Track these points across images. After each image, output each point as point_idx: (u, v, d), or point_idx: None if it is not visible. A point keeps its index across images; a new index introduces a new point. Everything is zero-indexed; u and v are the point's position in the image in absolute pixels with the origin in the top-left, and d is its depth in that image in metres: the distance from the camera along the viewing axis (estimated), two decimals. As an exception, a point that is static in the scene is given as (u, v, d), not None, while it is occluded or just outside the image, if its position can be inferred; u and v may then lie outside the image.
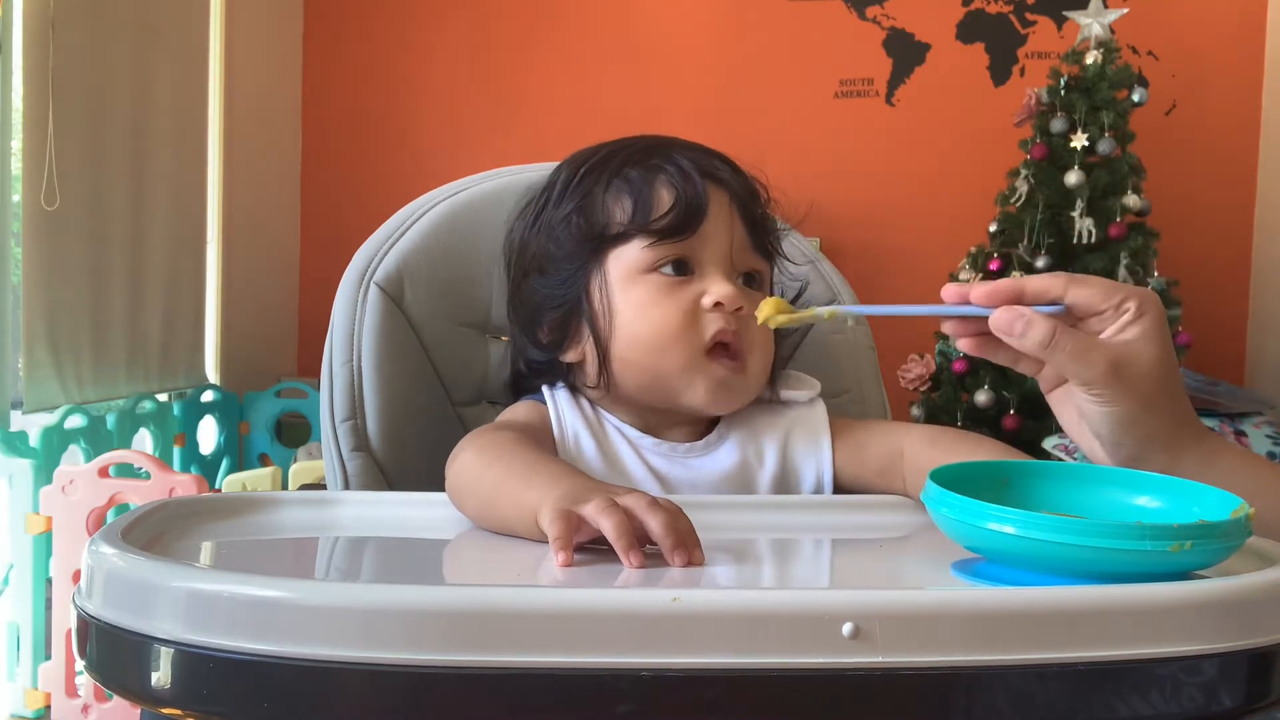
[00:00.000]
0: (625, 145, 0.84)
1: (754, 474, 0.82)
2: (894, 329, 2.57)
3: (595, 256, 0.81)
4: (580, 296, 0.81)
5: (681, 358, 0.78)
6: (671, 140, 0.84)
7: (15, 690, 2.12)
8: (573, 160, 0.85)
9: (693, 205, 0.79)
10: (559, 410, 0.83)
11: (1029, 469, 0.62)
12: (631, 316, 0.79)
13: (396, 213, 0.98)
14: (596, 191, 0.81)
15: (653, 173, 0.80)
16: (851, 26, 3.19)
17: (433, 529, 0.69)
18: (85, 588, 0.52)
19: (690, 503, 0.73)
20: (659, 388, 0.80)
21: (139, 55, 2.65)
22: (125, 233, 2.61)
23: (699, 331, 0.78)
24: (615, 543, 0.55)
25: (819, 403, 0.86)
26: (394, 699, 0.44)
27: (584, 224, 0.81)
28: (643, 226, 0.79)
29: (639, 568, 0.55)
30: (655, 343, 0.78)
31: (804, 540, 0.69)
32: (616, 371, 0.80)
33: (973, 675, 0.45)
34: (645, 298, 0.79)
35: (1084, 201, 2.48)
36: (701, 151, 0.83)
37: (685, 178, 0.79)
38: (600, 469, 0.80)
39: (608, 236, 0.80)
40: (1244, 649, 0.47)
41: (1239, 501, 0.55)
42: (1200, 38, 3.02)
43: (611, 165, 0.82)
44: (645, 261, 0.79)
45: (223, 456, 2.94)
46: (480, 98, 3.35)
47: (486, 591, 0.47)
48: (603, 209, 0.81)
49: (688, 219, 0.78)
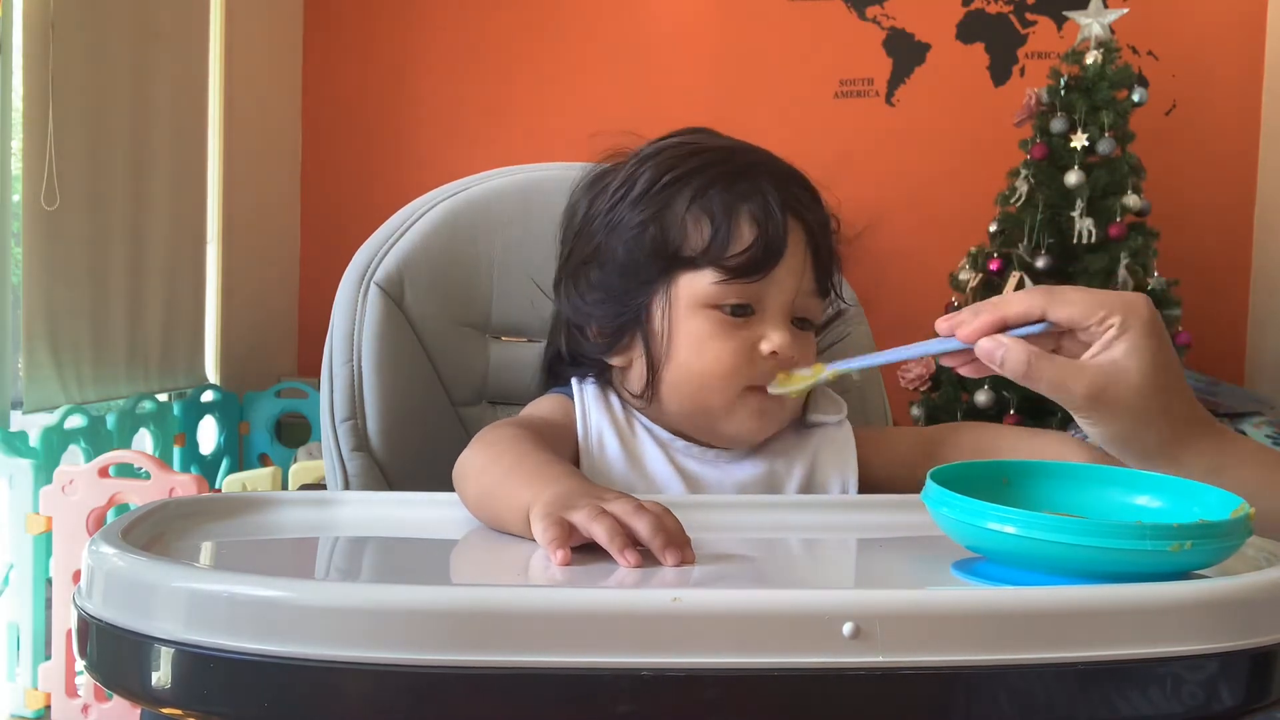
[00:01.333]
0: (715, 160, 0.80)
1: (781, 486, 0.83)
2: (894, 330, 2.57)
3: (665, 276, 0.79)
4: (641, 311, 0.80)
5: (726, 395, 0.78)
6: (760, 159, 0.81)
7: (15, 690, 2.12)
8: (658, 159, 0.81)
9: (771, 247, 0.77)
10: (585, 408, 0.83)
11: (1029, 469, 0.62)
12: (689, 347, 0.78)
13: (396, 213, 0.98)
14: (677, 206, 0.79)
15: (738, 200, 0.78)
16: (851, 26, 3.19)
17: (433, 529, 0.70)
18: (85, 588, 0.52)
19: (691, 503, 0.73)
20: (699, 417, 0.80)
21: (139, 55, 2.65)
22: (125, 233, 2.61)
23: (750, 374, 0.78)
24: (609, 546, 0.56)
25: (846, 424, 0.86)
26: (394, 699, 0.44)
27: (660, 238, 0.79)
28: (719, 260, 0.77)
29: (636, 566, 0.55)
30: (705, 378, 0.78)
31: (804, 540, 0.69)
32: (664, 393, 0.80)
33: (973, 675, 0.45)
34: (705, 331, 0.78)
35: (1084, 201, 2.48)
36: (787, 179, 0.81)
37: (769, 213, 0.77)
38: (623, 468, 0.80)
39: (681, 259, 0.78)
40: (1244, 649, 0.47)
41: (1239, 501, 0.55)
42: (1200, 38, 3.02)
43: (697, 181, 0.79)
44: (712, 297, 0.78)
45: (223, 456, 2.94)
46: (480, 98, 3.35)
47: (487, 591, 0.47)
48: (680, 228, 0.78)
49: (765, 261, 0.77)
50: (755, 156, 0.81)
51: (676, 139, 0.84)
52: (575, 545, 0.57)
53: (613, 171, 0.84)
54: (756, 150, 0.83)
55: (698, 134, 0.85)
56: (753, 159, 0.81)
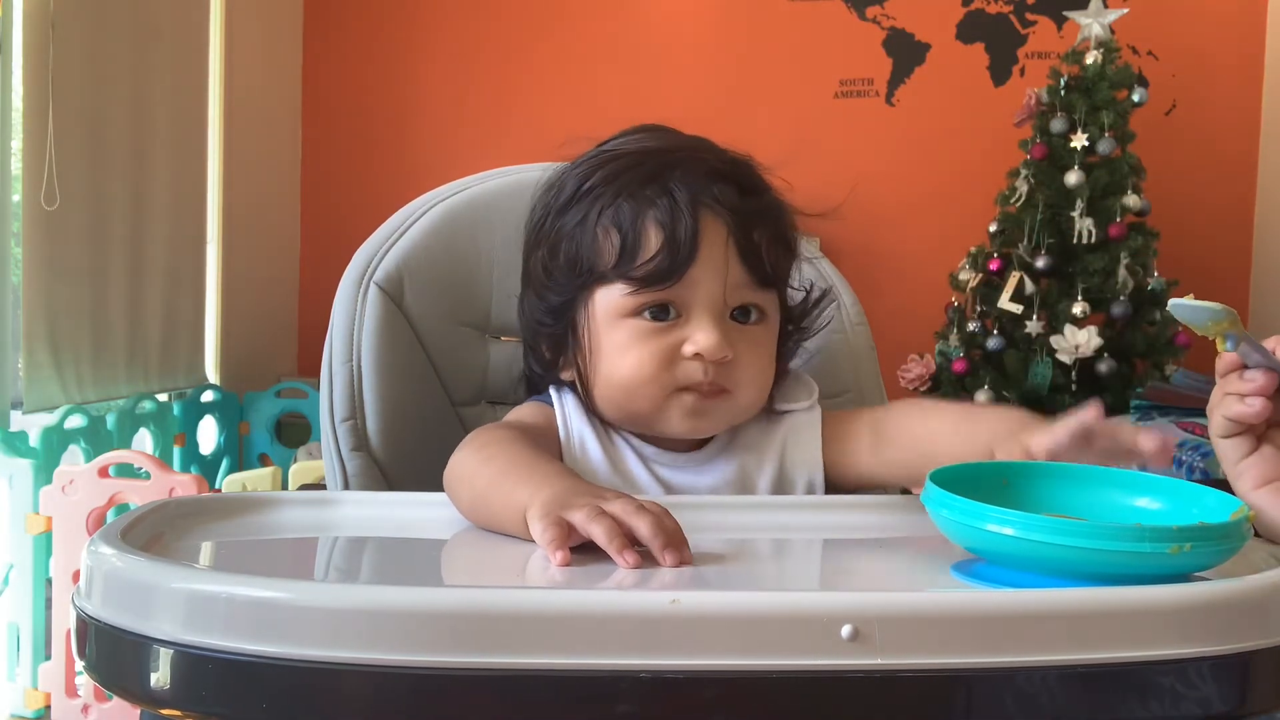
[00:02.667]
0: (629, 165, 0.79)
1: (753, 484, 0.82)
2: (894, 329, 2.57)
3: (583, 291, 0.79)
4: (568, 328, 0.81)
5: (653, 400, 0.78)
6: (681, 156, 0.79)
7: (15, 690, 2.12)
8: (577, 170, 0.81)
9: (680, 251, 0.75)
10: (566, 414, 0.83)
11: (1029, 470, 0.62)
12: (611, 357, 0.78)
13: (396, 213, 0.98)
14: (590, 217, 0.78)
15: (645, 206, 0.76)
16: (851, 26, 3.19)
17: (432, 529, 0.70)
18: (85, 588, 0.52)
19: (690, 503, 0.73)
20: (636, 421, 0.81)
21: (139, 55, 2.65)
22: (125, 233, 2.61)
23: (673, 377, 0.77)
24: (608, 547, 0.56)
25: (816, 408, 0.85)
26: (394, 699, 0.44)
27: (575, 255, 0.79)
28: (625, 273, 0.76)
29: (635, 567, 0.55)
30: (628, 385, 0.78)
31: (803, 541, 0.69)
32: (598, 402, 0.81)
33: (972, 677, 0.45)
34: (625, 340, 0.77)
35: (1084, 201, 2.48)
36: (707, 172, 0.78)
37: (675, 216, 0.75)
38: (606, 473, 0.81)
39: (595, 274, 0.78)
40: (1243, 651, 0.47)
41: (1238, 503, 0.55)
42: (1200, 38, 3.02)
43: (611, 189, 0.78)
44: (627, 307, 0.77)
45: (223, 456, 2.94)
46: (480, 98, 3.35)
47: (486, 593, 0.47)
48: (593, 242, 0.78)
49: (674, 267, 0.75)
50: (673, 156, 0.79)
51: (606, 145, 0.83)
52: (573, 545, 0.57)
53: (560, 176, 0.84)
54: (681, 148, 0.80)
55: (638, 134, 0.83)
56: (668, 159, 0.78)
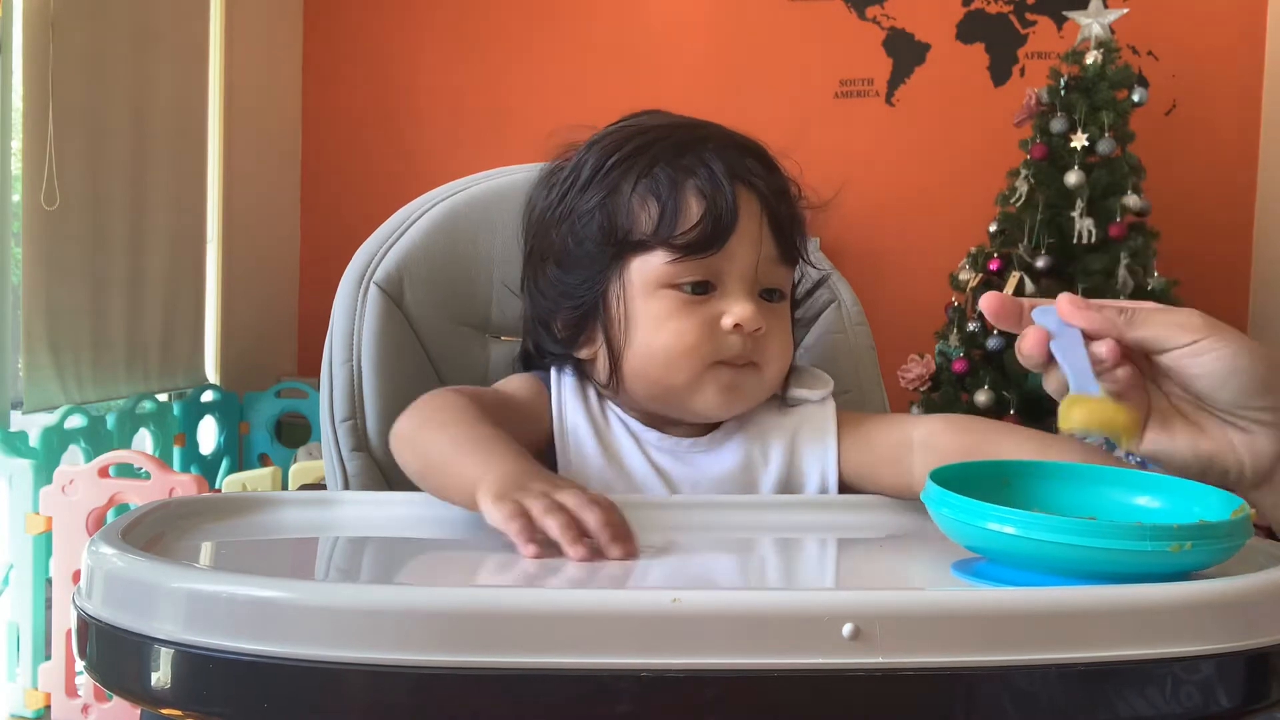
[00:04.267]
0: (658, 137, 0.79)
1: (757, 473, 0.81)
2: (894, 329, 2.58)
3: (617, 261, 0.78)
4: (598, 300, 0.79)
5: (690, 372, 0.77)
6: (706, 133, 0.79)
7: (15, 690, 2.12)
8: (602, 144, 0.81)
9: (721, 220, 0.75)
10: (562, 398, 0.82)
11: (1029, 469, 0.62)
12: (648, 329, 0.77)
13: (396, 213, 0.98)
14: (624, 188, 0.78)
15: (683, 175, 0.76)
16: (851, 26, 3.19)
17: (433, 529, 0.69)
18: (85, 588, 0.52)
19: (691, 503, 0.73)
20: (668, 398, 0.79)
21: (139, 55, 2.65)
22: (125, 233, 2.61)
23: (714, 349, 0.77)
24: (561, 539, 0.57)
25: (829, 401, 0.84)
26: (394, 699, 0.44)
27: (608, 225, 0.78)
28: (667, 240, 0.75)
29: (584, 560, 0.56)
30: (668, 357, 0.77)
31: (804, 540, 0.69)
32: (627, 378, 0.79)
33: (973, 676, 0.45)
34: (663, 311, 0.77)
35: (1084, 201, 2.48)
36: (736, 148, 0.79)
37: (716, 186, 0.76)
38: (599, 462, 0.80)
39: (631, 243, 0.77)
40: (1244, 649, 0.47)
41: (1239, 501, 0.55)
42: (1200, 38, 3.02)
43: (641, 161, 0.78)
44: (667, 276, 0.76)
45: (223, 456, 2.94)
46: (480, 98, 3.35)
47: (486, 592, 0.47)
48: (628, 211, 0.77)
49: (715, 235, 0.75)
50: (701, 131, 0.80)
51: (622, 123, 0.83)
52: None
53: (565, 165, 0.83)
54: (703, 125, 0.81)
55: (644, 116, 0.83)
56: (698, 133, 0.79)
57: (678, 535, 0.66)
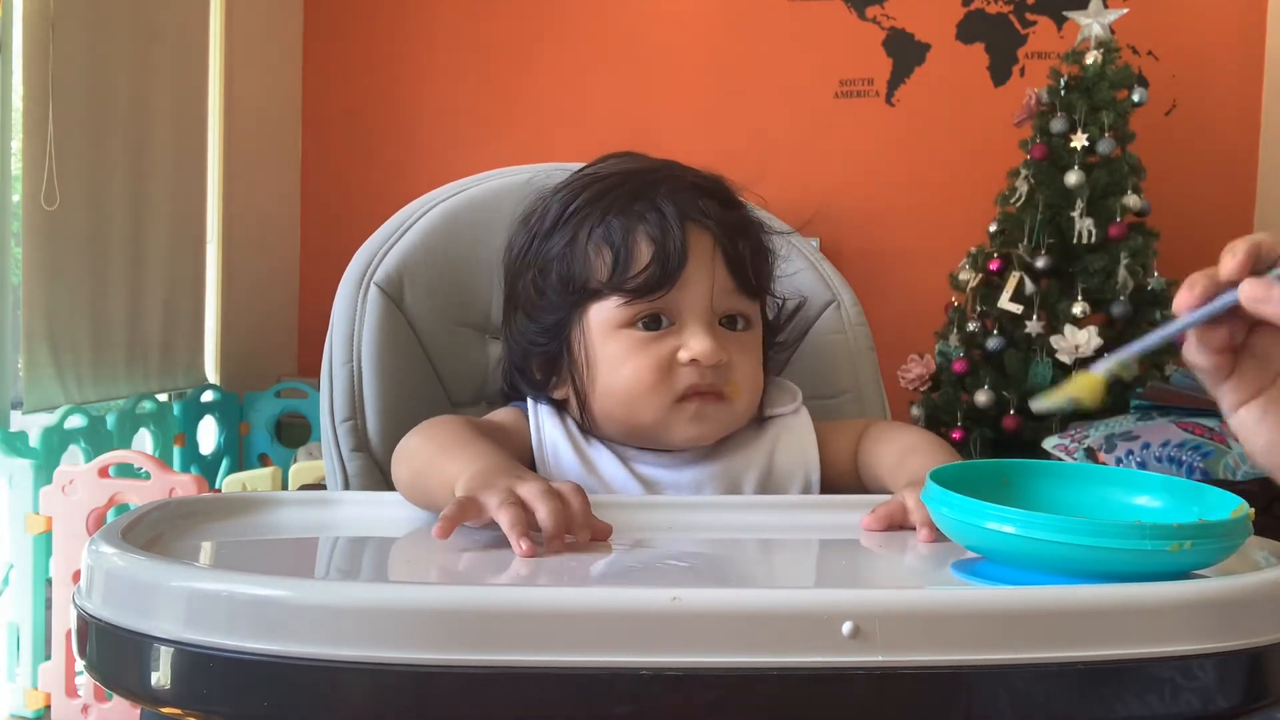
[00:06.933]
0: (614, 185, 0.82)
1: (740, 480, 0.83)
2: (894, 329, 2.58)
3: (576, 309, 0.81)
4: (563, 347, 0.82)
5: (656, 409, 0.79)
6: (662, 175, 0.82)
7: (15, 690, 2.12)
8: (561, 194, 0.84)
9: (669, 262, 0.78)
10: (539, 422, 0.84)
11: (1029, 469, 0.62)
12: (608, 370, 0.80)
13: (396, 213, 0.98)
14: (580, 237, 0.80)
15: (634, 222, 0.79)
16: (851, 26, 3.19)
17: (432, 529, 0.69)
18: (85, 587, 0.52)
19: (692, 503, 0.73)
20: (642, 433, 0.81)
21: (139, 55, 2.65)
22: (125, 233, 2.61)
23: (672, 385, 0.79)
24: (508, 534, 0.58)
25: (803, 411, 0.87)
26: (394, 698, 0.44)
27: (566, 274, 0.81)
28: (618, 286, 0.78)
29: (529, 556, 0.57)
30: (629, 396, 0.79)
31: (803, 540, 0.69)
32: (598, 417, 0.82)
33: (972, 674, 0.45)
34: (621, 351, 0.79)
35: (1084, 201, 2.47)
36: (690, 188, 0.81)
37: (665, 229, 0.78)
38: (579, 476, 0.81)
39: (589, 291, 0.80)
40: (1243, 649, 0.47)
41: (1239, 501, 0.55)
42: (1200, 38, 3.02)
43: (598, 208, 0.81)
44: (621, 318, 0.79)
45: (223, 456, 2.94)
46: (480, 98, 3.35)
47: (486, 591, 0.47)
48: (585, 260, 0.80)
49: (663, 276, 0.78)
50: (655, 175, 0.82)
51: (585, 170, 0.86)
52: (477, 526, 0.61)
53: (536, 208, 0.86)
54: (660, 168, 0.84)
55: (613, 160, 0.86)
56: (651, 178, 0.82)
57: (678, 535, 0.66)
